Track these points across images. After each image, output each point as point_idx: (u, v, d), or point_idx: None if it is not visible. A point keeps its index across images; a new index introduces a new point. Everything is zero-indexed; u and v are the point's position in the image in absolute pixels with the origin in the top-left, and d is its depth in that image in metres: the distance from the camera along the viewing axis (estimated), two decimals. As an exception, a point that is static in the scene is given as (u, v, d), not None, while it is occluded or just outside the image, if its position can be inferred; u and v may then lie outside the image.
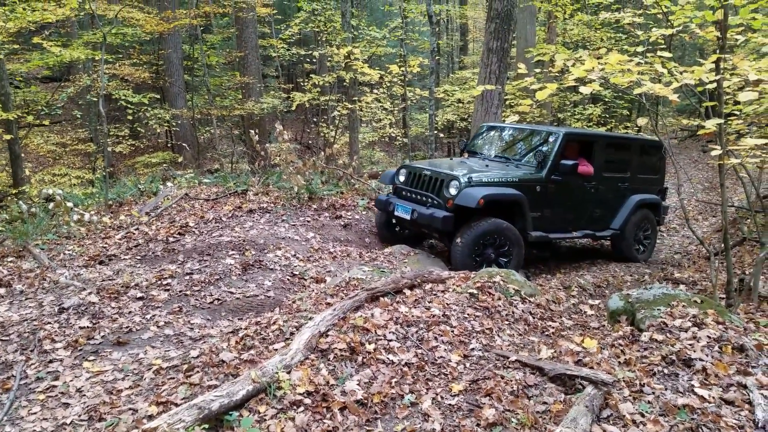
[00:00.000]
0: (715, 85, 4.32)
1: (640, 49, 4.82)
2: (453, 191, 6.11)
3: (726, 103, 5.19)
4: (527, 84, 4.81)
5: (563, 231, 7.01)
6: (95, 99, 12.69)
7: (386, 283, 4.32)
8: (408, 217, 6.44)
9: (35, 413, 3.04)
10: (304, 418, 2.74)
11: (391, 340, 3.53)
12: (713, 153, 4.24)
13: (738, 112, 5.82)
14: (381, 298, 4.10)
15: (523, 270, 6.34)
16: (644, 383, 3.20)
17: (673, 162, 5.29)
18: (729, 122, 5.68)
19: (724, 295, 5.05)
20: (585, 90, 3.85)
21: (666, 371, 3.36)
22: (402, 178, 7.01)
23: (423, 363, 3.37)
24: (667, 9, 5.19)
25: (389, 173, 7.33)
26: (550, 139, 6.82)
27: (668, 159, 8.05)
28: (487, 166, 6.79)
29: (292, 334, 3.59)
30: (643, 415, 2.89)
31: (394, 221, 7.07)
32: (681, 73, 4.20)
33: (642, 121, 4.38)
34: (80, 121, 16.04)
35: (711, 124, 4.01)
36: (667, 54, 4.44)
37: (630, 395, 3.08)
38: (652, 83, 4.11)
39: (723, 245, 5.03)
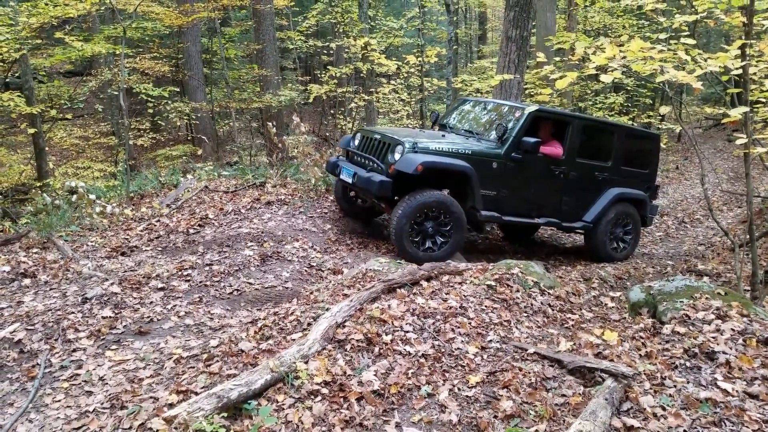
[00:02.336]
0: (740, 72, 4.22)
1: (663, 36, 4.71)
2: (396, 156, 5.76)
3: (752, 91, 5.06)
4: (547, 73, 4.75)
5: (523, 215, 6.51)
6: (116, 93, 12.85)
7: (403, 274, 4.31)
8: (350, 180, 6.14)
9: (59, 401, 3.11)
10: (322, 408, 2.76)
11: (407, 332, 3.53)
12: (738, 142, 4.15)
13: (764, 100, 5.67)
14: (398, 290, 4.09)
15: (542, 262, 6.28)
16: (666, 376, 3.15)
17: (697, 151, 5.18)
18: (755, 110, 5.55)
19: (748, 288, 4.96)
20: (606, 78, 3.78)
21: (688, 364, 3.31)
22: (356, 142, 6.70)
23: (440, 354, 3.36)
24: (691, -6, 5.07)
25: (347, 138, 7.03)
26: (516, 115, 6.38)
27: (692, 149, 7.85)
28: (443, 136, 6.35)
29: (309, 324, 3.61)
30: (664, 409, 2.85)
31: (352, 192, 6.83)
32: (705, 60, 4.11)
33: (665, 110, 4.29)
34: (102, 114, 16.27)
35: (736, 113, 3.92)
36: (691, 41, 4.34)
37: (651, 388, 3.04)
38: (675, 71, 4.02)
39: (748, 236, 4.92)
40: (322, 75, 13.19)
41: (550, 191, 6.62)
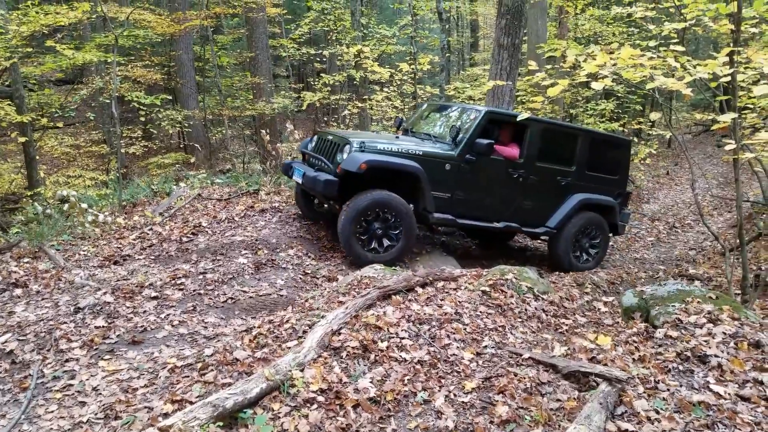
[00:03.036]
0: (729, 78, 4.28)
1: (652, 43, 4.77)
2: (344, 156, 5.72)
3: (740, 97, 5.13)
4: (538, 80, 4.79)
5: (480, 219, 6.37)
6: (108, 101, 12.81)
7: (398, 281, 4.32)
8: (300, 180, 6.15)
9: (52, 412, 3.08)
10: (318, 416, 2.76)
11: (403, 338, 3.54)
12: (728, 147, 4.20)
13: (752, 106, 5.75)
14: (393, 296, 4.10)
15: (535, 267, 6.30)
16: (659, 380, 3.18)
17: (687, 157, 5.24)
18: (744, 116, 5.62)
19: (739, 291, 5.00)
20: (597, 85, 3.82)
21: (681, 368, 3.34)
22: (312, 145, 6.73)
23: (435, 361, 3.37)
24: (680, 2, 5.14)
25: (306, 140, 7.04)
26: (472, 117, 6.31)
27: (682, 154, 7.89)
28: (397, 138, 6.31)
29: (304, 332, 3.61)
30: (657, 412, 2.88)
31: (313, 196, 6.73)
32: (694, 66, 4.16)
33: (655, 116, 4.34)
34: (93, 123, 16.19)
35: (725, 119, 3.97)
36: (680, 48, 4.40)
37: (645, 392, 3.06)
38: (665, 78, 4.07)
39: (738, 241, 4.97)
40: (316, 82, 13.24)
41: (509, 195, 6.46)
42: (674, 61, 4.17)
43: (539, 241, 7.70)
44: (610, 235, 7.22)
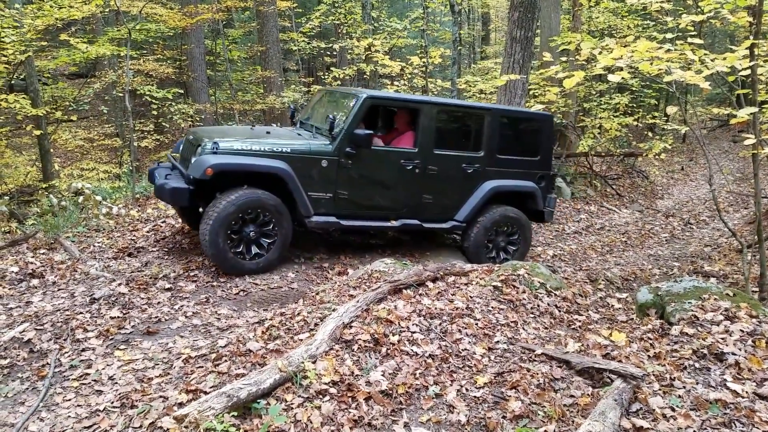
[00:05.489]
0: (748, 72, 4.21)
1: (669, 36, 4.71)
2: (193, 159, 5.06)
3: (759, 91, 5.05)
4: (552, 73, 4.75)
5: (372, 218, 5.70)
6: (121, 95, 12.89)
7: (409, 275, 4.31)
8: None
9: (70, 400, 3.12)
10: (330, 407, 2.76)
11: (414, 332, 3.53)
12: (746, 142, 4.15)
13: (772, 100, 5.66)
14: (404, 291, 4.09)
15: (548, 263, 6.24)
16: (675, 377, 3.15)
17: (704, 152, 5.17)
18: (763, 110, 5.54)
19: (756, 289, 4.94)
20: (614, 78, 3.78)
21: (697, 365, 3.31)
22: (181, 146, 5.89)
23: (447, 355, 3.36)
24: (697, -6, 5.07)
25: (179, 142, 6.09)
26: (350, 104, 5.50)
27: (697, 150, 7.73)
28: (268, 133, 5.55)
29: (316, 325, 3.61)
30: (673, 410, 2.85)
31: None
32: (712, 60, 4.11)
33: (672, 110, 4.29)
34: (106, 116, 16.32)
35: (744, 113, 3.91)
36: (698, 41, 4.34)
37: (660, 389, 3.03)
38: (682, 71, 4.02)
39: (756, 237, 4.91)
40: (326, 76, 13.21)
41: (405, 189, 5.73)
42: (692, 54, 4.12)
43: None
44: (535, 224, 6.46)
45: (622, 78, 3.90)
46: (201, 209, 5.62)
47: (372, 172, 5.57)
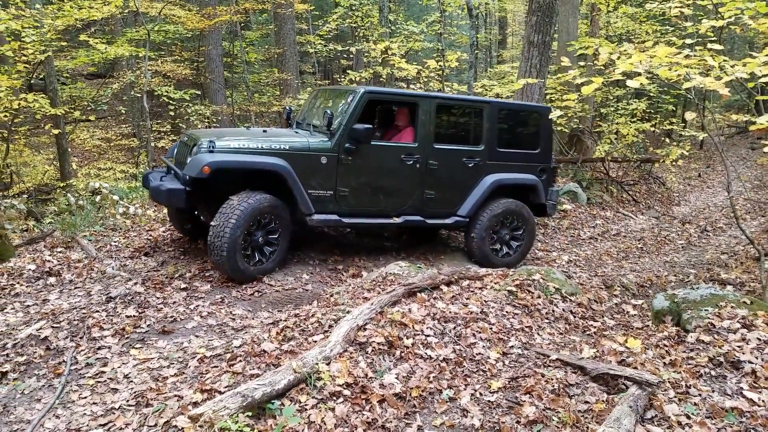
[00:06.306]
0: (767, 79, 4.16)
1: (688, 41, 4.67)
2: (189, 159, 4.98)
3: (780, 98, 4.99)
4: (569, 78, 4.73)
5: (374, 215, 5.62)
6: (139, 95, 13.04)
7: (423, 278, 4.31)
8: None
9: (85, 397, 3.16)
10: (344, 409, 2.77)
11: (428, 336, 3.53)
12: (765, 149, 4.09)
13: (792, 107, 5.58)
14: (418, 294, 4.09)
15: (563, 269, 6.20)
16: (690, 385, 3.12)
17: (723, 158, 5.11)
18: (783, 117, 5.45)
19: (774, 297, 4.87)
20: (632, 84, 3.76)
21: (713, 373, 3.27)
22: (176, 150, 5.80)
23: (461, 359, 3.35)
24: (717, 0, 5.02)
25: (175, 145, 5.98)
26: (348, 100, 5.41)
27: (714, 156, 7.60)
28: (264, 132, 5.51)
29: (330, 326, 3.62)
30: (689, 417, 2.82)
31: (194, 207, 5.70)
32: (732, 66, 4.06)
33: (690, 116, 4.24)
34: (124, 116, 16.52)
35: (764, 120, 3.86)
36: (717, 46, 4.30)
37: (675, 396, 3.00)
38: (701, 77, 3.98)
39: (774, 245, 4.84)
40: (342, 79, 13.25)
41: (406, 185, 5.68)
42: (711, 60, 4.08)
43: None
44: (538, 218, 6.43)
45: (641, 84, 3.87)
46: (197, 213, 5.66)
47: (372, 168, 5.49)
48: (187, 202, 4.98)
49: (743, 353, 3.38)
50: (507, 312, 3.99)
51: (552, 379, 3.15)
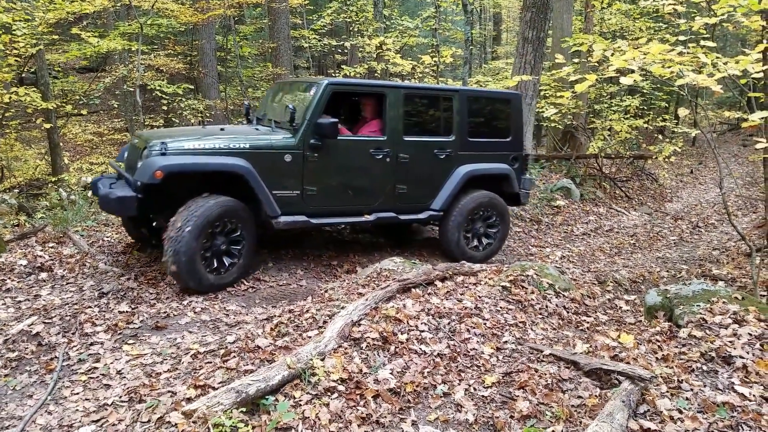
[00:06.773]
0: (760, 75, 4.18)
1: (681, 38, 4.69)
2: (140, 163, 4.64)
3: (772, 95, 5.02)
4: (563, 74, 4.74)
5: (344, 214, 5.40)
6: (131, 89, 12.95)
7: (418, 274, 4.32)
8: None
9: (78, 393, 3.14)
10: (339, 405, 2.77)
11: (423, 331, 3.54)
12: (758, 146, 4.12)
13: (784, 104, 5.61)
14: (413, 289, 4.10)
15: (556, 265, 6.23)
16: (682, 379, 3.14)
17: (715, 155, 5.14)
18: (774, 114, 5.48)
19: (765, 293, 4.92)
20: (626, 80, 3.77)
21: (705, 368, 3.30)
22: (126, 153, 5.47)
23: (455, 354, 3.36)
24: (710, -2, 5.03)
25: (125, 148, 5.64)
26: (311, 93, 5.15)
27: (706, 153, 7.66)
28: (222, 130, 5.22)
29: (325, 322, 3.62)
30: (681, 412, 2.85)
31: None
32: (725, 63, 4.08)
33: (683, 112, 4.26)
34: (116, 111, 16.40)
35: (756, 117, 3.88)
36: (710, 44, 4.31)
37: (668, 391, 3.03)
38: (694, 74, 4.00)
39: (765, 241, 4.88)
40: (336, 74, 13.21)
41: (377, 180, 5.47)
42: (704, 57, 4.10)
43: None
44: (511, 207, 6.36)
45: (634, 81, 3.88)
46: (151, 218, 5.28)
47: (340, 164, 5.25)
48: (140, 209, 4.61)
49: (734, 348, 3.40)
50: (501, 307, 4.01)
51: (545, 374, 3.17)
